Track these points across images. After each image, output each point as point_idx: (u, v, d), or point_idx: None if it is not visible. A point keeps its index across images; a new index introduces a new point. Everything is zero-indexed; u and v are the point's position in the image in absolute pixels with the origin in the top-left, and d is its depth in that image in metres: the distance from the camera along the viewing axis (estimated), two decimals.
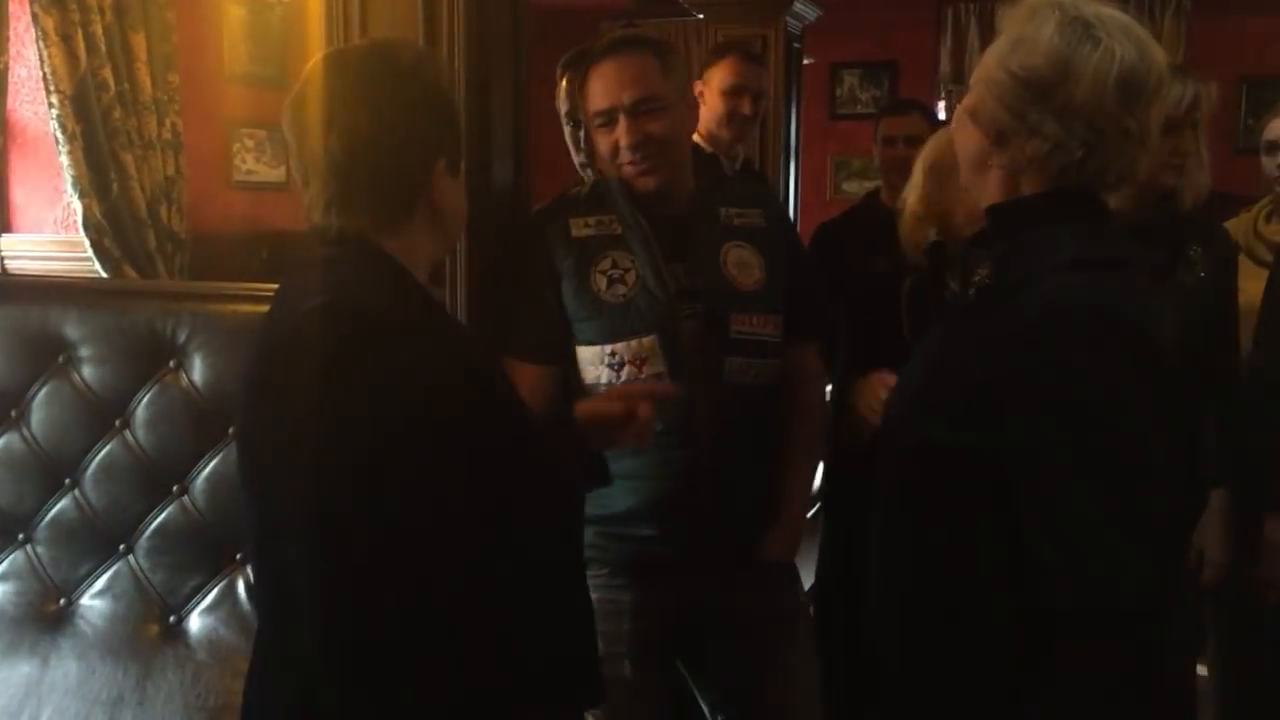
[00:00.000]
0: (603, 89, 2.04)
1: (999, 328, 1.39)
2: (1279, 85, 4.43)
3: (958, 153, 1.54)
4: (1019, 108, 1.41)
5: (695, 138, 3.38)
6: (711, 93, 3.30)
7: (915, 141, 3.37)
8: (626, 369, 2.01)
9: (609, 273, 2.03)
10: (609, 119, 2.04)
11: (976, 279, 1.51)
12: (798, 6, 4.63)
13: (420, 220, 1.47)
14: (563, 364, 2.08)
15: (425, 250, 1.51)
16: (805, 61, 5.42)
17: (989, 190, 1.48)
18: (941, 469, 1.41)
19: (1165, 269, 2.22)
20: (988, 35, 6.88)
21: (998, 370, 1.35)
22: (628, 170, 2.05)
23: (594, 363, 2.04)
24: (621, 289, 2.02)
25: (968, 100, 1.49)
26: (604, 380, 2.03)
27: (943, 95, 7.15)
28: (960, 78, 6.99)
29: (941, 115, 6.78)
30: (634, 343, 2.01)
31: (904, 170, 3.46)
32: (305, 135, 1.43)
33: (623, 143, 2.02)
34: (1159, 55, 1.42)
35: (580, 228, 2.07)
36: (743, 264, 2.10)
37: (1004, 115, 1.42)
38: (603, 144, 2.08)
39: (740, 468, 2.07)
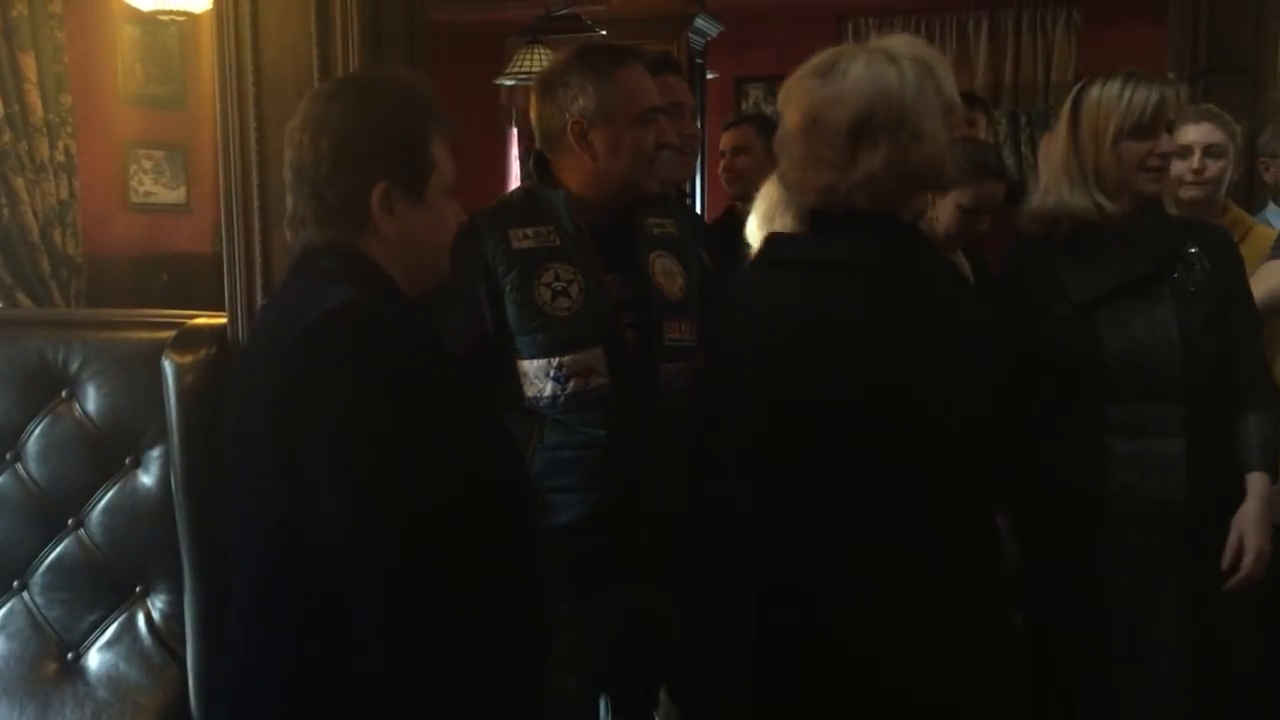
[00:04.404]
0: (660, 88, 2.14)
1: None
2: None
3: None
4: None
5: None
6: None
7: (740, 151, 3.51)
8: (572, 381, 2.03)
9: (552, 285, 2.06)
10: (654, 117, 2.11)
11: None
12: (700, 22, 4.68)
13: (375, 242, 1.52)
14: (488, 372, 2.09)
15: (394, 269, 1.54)
16: (709, 76, 5.48)
17: None
18: None
19: (1154, 275, 2.19)
20: None
21: None
22: (668, 163, 2.18)
23: (539, 376, 2.06)
24: (565, 301, 2.05)
25: None
26: (548, 393, 2.05)
27: None
28: None
29: None
30: (580, 355, 2.04)
31: (733, 179, 3.62)
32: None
33: (675, 139, 2.15)
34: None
35: (520, 239, 2.09)
36: (668, 272, 2.15)
37: None
38: (646, 138, 2.10)
39: (680, 474, 2.08)
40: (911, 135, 1.73)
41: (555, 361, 2.04)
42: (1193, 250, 2.23)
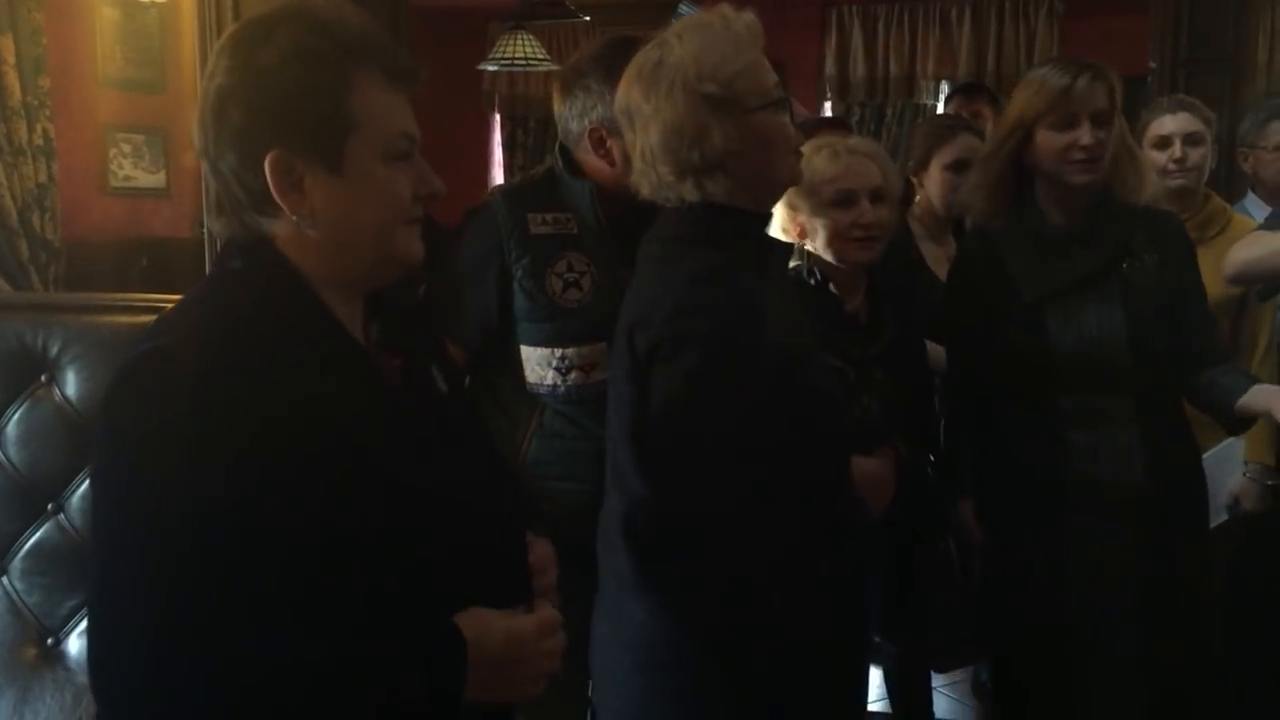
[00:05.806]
0: None
1: None
2: (1145, 83, 4.61)
3: None
4: None
5: None
6: None
7: None
8: (574, 374, 2.03)
9: (565, 275, 2.04)
10: None
11: None
12: (684, 9, 4.67)
13: (292, 232, 1.26)
14: (480, 351, 2.10)
15: (322, 263, 1.28)
16: None
17: None
18: None
19: (1103, 271, 2.18)
20: (870, 37, 7.05)
21: None
22: None
23: (541, 364, 2.06)
24: (576, 294, 2.04)
25: None
26: (549, 382, 2.06)
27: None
28: (844, 79, 7.12)
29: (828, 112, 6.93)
30: (585, 348, 2.03)
31: None
32: None
33: None
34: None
35: (538, 224, 2.07)
36: None
37: None
38: None
39: None
40: (644, 118, 1.67)
41: (559, 352, 2.04)
42: (1142, 241, 2.23)
